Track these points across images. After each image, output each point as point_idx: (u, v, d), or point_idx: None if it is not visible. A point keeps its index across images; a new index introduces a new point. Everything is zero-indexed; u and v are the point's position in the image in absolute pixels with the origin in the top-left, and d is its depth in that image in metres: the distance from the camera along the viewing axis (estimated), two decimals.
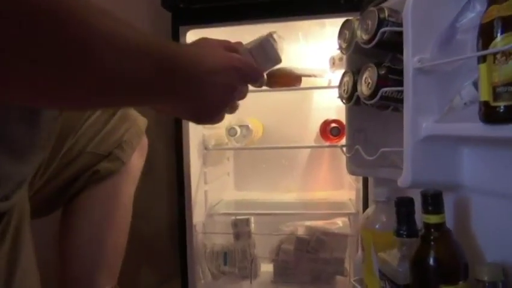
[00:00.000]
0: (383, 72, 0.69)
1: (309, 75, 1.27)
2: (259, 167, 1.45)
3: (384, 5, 0.70)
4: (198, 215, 1.15)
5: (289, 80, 1.26)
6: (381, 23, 0.67)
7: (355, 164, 0.85)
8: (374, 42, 0.69)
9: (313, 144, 1.40)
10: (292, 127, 1.45)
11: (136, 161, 0.83)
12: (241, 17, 1.05)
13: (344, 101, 0.80)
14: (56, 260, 0.75)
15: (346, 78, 0.80)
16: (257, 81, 0.56)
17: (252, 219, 1.17)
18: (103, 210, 0.78)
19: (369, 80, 0.70)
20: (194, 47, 0.52)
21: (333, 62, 1.19)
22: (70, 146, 0.72)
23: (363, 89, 0.72)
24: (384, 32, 0.67)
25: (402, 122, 0.82)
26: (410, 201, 0.70)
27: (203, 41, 0.54)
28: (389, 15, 0.68)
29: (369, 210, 0.83)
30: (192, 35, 1.08)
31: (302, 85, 1.26)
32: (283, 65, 1.26)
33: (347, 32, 0.78)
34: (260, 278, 1.15)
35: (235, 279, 1.14)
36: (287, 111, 1.44)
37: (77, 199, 0.76)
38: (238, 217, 1.15)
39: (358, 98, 0.76)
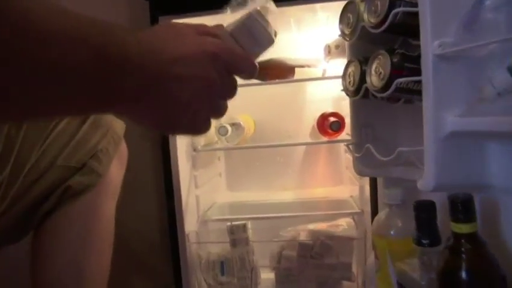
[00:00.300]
0: (396, 60, 0.60)
1: (303, 66, 1.18)
2: (252, 166, 1.36)
3: None
4: (190, 224, 1.05)
5: (281, 71, 1.16)
6: (393, 3, 0.58)
7: (363, 164, 0.76)
8: (385, 26, 0.59)
9: (309, 139, 1.31)
10: (286, 121, 1.36)
11: (115, 171, 0.73)
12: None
13: (349, 94, 0.71)
14: None
15: (351, 69, 0.71)
16: (246, 71, 0.43)
17: (249, 224, 1.08)
18: (80, 231, 0.68)
19: (381, 70, 0.62)
20: (152, 32, 0.40)
21: (328, 51, 1.10)
22: (36, 161, 0.62)
23: (374, 80, 0.63)
24: (396, 14, 0.58)
25: (414, 114, 0.74)
26: (431, 206, 0.63)
27: (167, 25, 0.42)
28: None
29: (382, 214, 0.75)
30: None
31: (295, 76, 1.17)
32: (274, 55, 1.19)
33: (350, 16, 0.69)
34: (261, 287, 1.06)
35: None
36: (280, 105, 1.35)
37: (49, 220, 0.66)
38: (234, 223, 1.06)
39: (367, 90, 0.67)
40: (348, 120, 1.17)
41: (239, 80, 0.45)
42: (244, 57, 0.43)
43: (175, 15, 0.96)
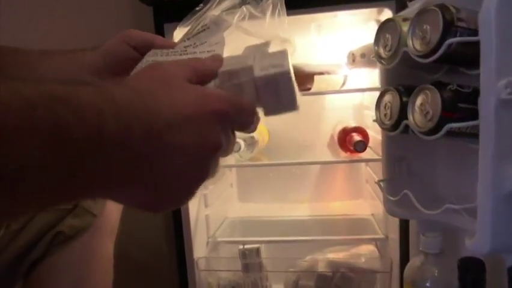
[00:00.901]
0: (448, 98, 0.50)
1: (322, 73, 1.07)
2: (265, 177, 1.27)
3: (448, 3, 0.50)
4: (199, 249, 0.98)
5: (299, 79, 1.05)
6: (447, 29, 0.48)
7: (395, 203, 0.67)
8: (435, 56, 0.49)
9: (327, 150, 1.22)
10: (302, 130, 1.26)
11: (112, 206, 0.65)
12: None
13: (385, 128, 0.61)
14: None
15: (388, 99, 0.61)
16: (248, 127, 0.35)
17: (262, 247, 1.00)
18: (74, 281, 0.60)
19: (428, 109, 0.51)
20: (135, 87, 0.30)
21: (352, 59, 0.99)
22: None
23: (418, 119, 0.53)
24: (451, 44, 0.48)
25: (456, 150, 0.64)
26: (479, 266, 0.54)
27: (153, 69, 0.32)
28: (458, 19, 0.48)
29: (416, 261, 0.66)
30: (181, 35, 0.87)
31: (314, 84, 1.07)
32: (292, 61, 1.08)
33: (389, 37, 0.58)
34: None
35: None
36: (295, 113, 1.25)
37: (38, 270, 0.58)
38: (247, 246, 0.98)
39: (407, 126, 0.57)
40: (372, 133, 1.07)
41: None
42: (250, 113, 0.34)
43: (179, 22, 0.86)
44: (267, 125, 1.22)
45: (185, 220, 0.93)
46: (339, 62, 1.09)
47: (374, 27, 0.95)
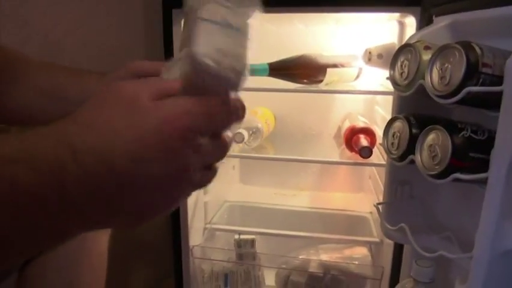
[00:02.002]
0: (459, 145, 0.47)
1: (336, 65, 1.02)
2: (267, 162, 1.26)
3: (474, 42, 0.45)
4: (196, 235, 0.99)
5: (311, 71, 1.01)
6: (469, 75, 0.44)
7: (392, 223, 0.66)
8: (453, 100, 0.46)
9: (333, 141, 1.20)
10: (309, 118, 1.23)
11: None
12: None
13: (391, 157, 0.59)
14: None
15: (397, 127, 0.58)
16: (233, 121, 0.32)
17: (258, 236, 1.02)
18: (67, 277, 0.62)
19: (437, 151, 0.49)
20: (95, 123, 0.28)
21: (368, 58, 0.94)
22: None
23: (425, 159, 0.51)
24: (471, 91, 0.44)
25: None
26: None
27: (108, 92, 0.29)
28: (483, 64, 0.44)
29: (406, 285, 0.66)
30: None
31: (327, 76, 1.02)
32: (304, 49, 1.03)
33: (406, 63, 0.54)
34: None
35: None
36: (304, 99, 1.21)
37: (32, 266, 0.60)
38: (242, 236, 1.00)
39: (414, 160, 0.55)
40: (380, 134, 1.04)
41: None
42: (224, 114, 0.31)
43: None
44: (273, 111, 1.20)
45: (183, 209, 0.94)
46: (355, 53, 1.04)
47: (395, 27, 0.89)
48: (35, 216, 0.25)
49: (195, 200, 1.00)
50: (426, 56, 0.51)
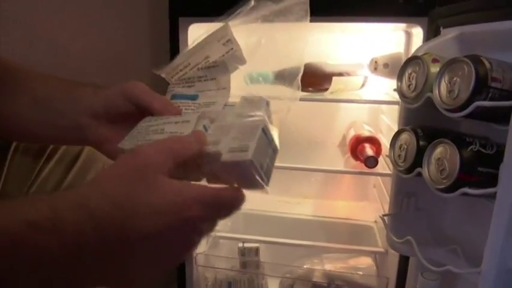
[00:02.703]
0: (468, 159, 0.47)
1: (341, 74, 1.02)
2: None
3: (483, 56, 0.45)
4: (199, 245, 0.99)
5: (316, 79, 1.01)
6: (478, 89, 0.44)
7: (397, 235, 0.66)
8: (461, 114, 0.46)
9: (337, 149, 1.19)
10: (314, 126, 1.23)
11: None
12: None
13: (397, 169, 0.58)
14: None
15: (404, 139, 0.57)
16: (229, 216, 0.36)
17: (261, 246, 1.01)
18: None
19: (445, 165, 0.48)
20: (114, 194, 0.31)
21: (374, 67, 0.94)
22: None
23: (433, 173, 0.51)
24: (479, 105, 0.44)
25: None
26: None
27: (129, 164, 0.32)
28: (492, 78, 0.44)
29: None
30: (196, 31, 0.82)
31: (332, 85, 1.02)
32: (310, 58, 1.03)
33: (414, 76, 0.54)
34: None
35: None
36: (308, 106, 1.21)
37: None
38: (246, 245, 1.00)
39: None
40: (385, 142, 1.04)
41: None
42: (231, 207, 0.35)
43: (199, 17, 0.81)
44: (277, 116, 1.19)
45: None
46: (361, 62, 1.04)
47: (402, 37, 0.89)
48: (50, 275, 0.27)
49: None
50: (435, 69, 0.51)
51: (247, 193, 0.37)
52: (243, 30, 0.49)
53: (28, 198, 0.32)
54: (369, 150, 0.91)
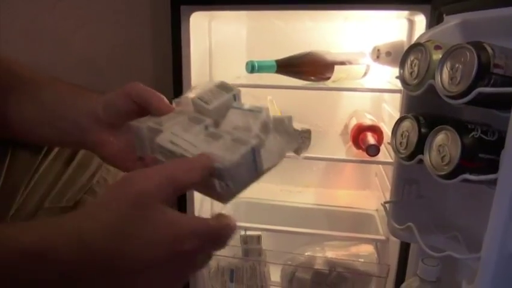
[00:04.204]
0: (469, 145, 0.47)
1: (343, 63, 1.02)
2: None
3: (486, 43, 0.45)
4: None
5: (318, 68, 1.01)
6: (480, 75, 0.44)
7: (399, 222, 0.66)
8: (464, 100, 0.46)
9: (339, 139, 1.19)
10: (316, 114, 1.23)
11: None
12: None
13: (399, 156, 0.59)
14: None
15: (405, 127, 0.57)
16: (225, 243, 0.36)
17: (263, 234, 1.02)
18: None
19: (446, 152, 0.49)
20: (109, 226, 0.30)
21: (377, 55, 0.93)
22: (19, 206, 0.55)
23: (435, 159, 0.51)
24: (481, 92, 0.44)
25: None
26: None
27: (123, 194, 0.31)
28: (494, 65, 0.44)
29: (412, 284, 0.66)
30: (198, 19, 0.82)
31: (334, 73, 1.02)
32: (311, 48, 1.03)
33: (416, 62, 0.54)
34: None
35: None
36: (310, 95, 1.21)
37: None
38: (249, 233, 1.01)
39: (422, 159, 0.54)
40: (387, 131, 1.04)
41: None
42: (227, 238, 0.35)
43: (200, 5, 0.81)
44: (280, 106, 1.19)
45: (190, 204, 0.94)
46: (363, 50, 1.03)
47: (404, 25, 0.88)
48: None
49: (202, 196, 1.01)
50: (437, 56, 0.51)
51: None
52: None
53: (21, 225, 0.32)
54: (371, 139, 0.92)
